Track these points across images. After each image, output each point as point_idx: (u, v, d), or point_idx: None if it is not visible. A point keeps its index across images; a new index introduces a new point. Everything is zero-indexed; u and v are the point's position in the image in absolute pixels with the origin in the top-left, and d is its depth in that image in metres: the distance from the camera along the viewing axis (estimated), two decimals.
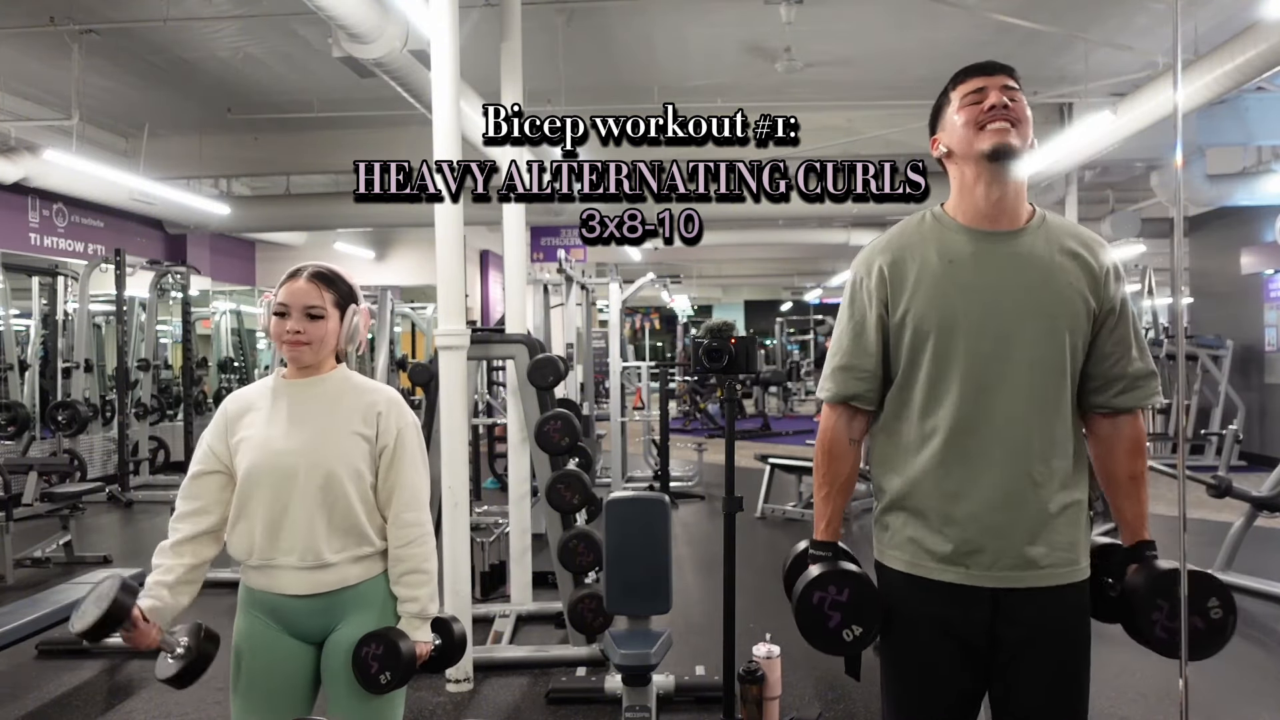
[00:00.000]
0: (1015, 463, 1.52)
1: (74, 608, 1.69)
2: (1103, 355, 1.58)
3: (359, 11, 4.28)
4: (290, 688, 1.84)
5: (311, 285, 1.82)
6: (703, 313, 25.17)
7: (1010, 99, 1.53)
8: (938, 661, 1.57)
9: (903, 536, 1.60)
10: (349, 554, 1.81)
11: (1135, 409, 1.61)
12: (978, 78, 1.57)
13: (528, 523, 4.42)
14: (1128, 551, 1.62)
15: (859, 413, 1.65)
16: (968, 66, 1.61)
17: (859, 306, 1.63)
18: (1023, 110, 1.54)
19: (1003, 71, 1.57)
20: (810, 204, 1.95)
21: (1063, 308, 1.54)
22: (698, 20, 6.33)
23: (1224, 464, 8.09)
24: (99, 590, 1.66)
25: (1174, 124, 1.28)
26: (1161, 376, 4.73)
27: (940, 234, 1.60)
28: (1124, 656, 3.84)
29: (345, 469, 1.79)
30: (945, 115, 1.61)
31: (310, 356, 1.82)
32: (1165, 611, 1.53)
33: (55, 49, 6.22)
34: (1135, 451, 1.62)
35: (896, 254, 1.60)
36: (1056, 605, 1.54)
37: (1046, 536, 1.52)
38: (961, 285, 1.55)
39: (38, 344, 8.78)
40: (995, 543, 1.52)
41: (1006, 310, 1.53)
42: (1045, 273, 1.54)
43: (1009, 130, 1.52)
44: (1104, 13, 6.11)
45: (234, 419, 1.86)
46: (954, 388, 1.53)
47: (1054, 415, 1.54)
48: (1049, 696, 1.54)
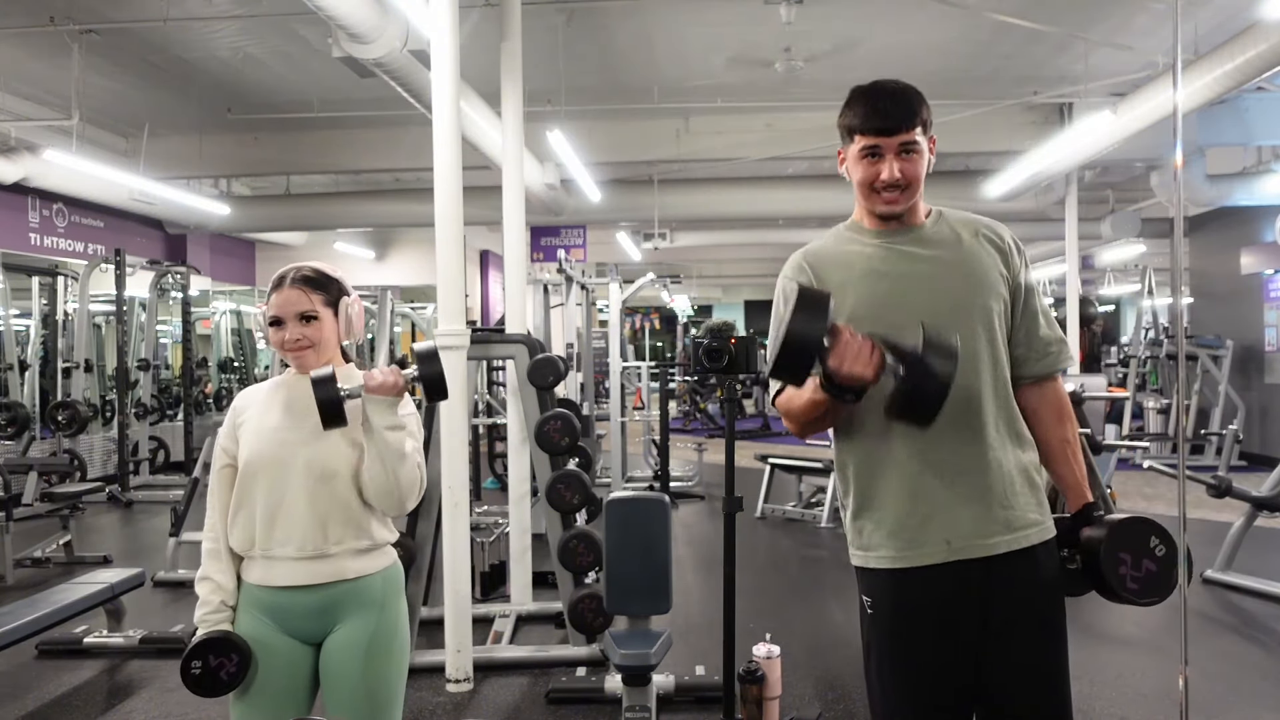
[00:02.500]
0: (971, 435, 1.57)
1: (74, 608, 1.71)
2: (1015, 328, 1.66)
3: (359, 11, 4.28)
4: (290, 689, 1.84)
5: (298, 291, 1.84)
6: (703, 313, 25.17)
7: (903, 166, 1.58)
8: (932, 650, 1.58)
9: (879, 535, 1.62)
10: (348, 546, 1.82)
11: (1054, 374, 1.69)
12: (876, 136, 1.58)
13: (528, 523, 4.42)
14: (1075, 517, 1.67)
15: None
16: (870, 107, 1.60)
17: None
18: (915, 170, 1.59)
19: (902, 128, 1.58)
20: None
21: (982, 278, 1.63)
22: (698, 20, 6.33)
23: (1224, 464, 8.09)
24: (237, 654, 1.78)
25: (1174, 124, 1.28)
26: (1162, 377, 4.74)
27: (854, 238, 1.70)
28: (1124, 656, 3.85)
29: (344, 461, 1.81)
30: (849, 149, 1.64)
31: (315, 359, 1.85)
32: (1129, 562, 1.58)
33: (55, 49, 6.22)
34: (1062, 416, 1.70)
35: (819, 254, 1.71)
36: (1034, 565, 1.59)
37: (1012, 499, 1.59)
38: (881, 274, 1.63)
39: (38, 344, 8.78)
40: (967, 516, 1.57)
41: (931, 290, 1.61)
42: (957, 251, 1.65)
43: (898, 202, 1.61)
44: (1104, 13, 6.11)
45: (240, 413, 1.89)
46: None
47: (996, 381, 1.61)
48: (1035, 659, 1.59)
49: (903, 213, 1.64)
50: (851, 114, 1.62)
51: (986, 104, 7.42)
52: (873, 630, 1.64)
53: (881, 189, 1.60)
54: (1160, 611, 4.31)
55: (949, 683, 1.59)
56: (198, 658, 1.75)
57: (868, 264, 1.65)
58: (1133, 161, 9.08)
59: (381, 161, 8.91)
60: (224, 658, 1.75)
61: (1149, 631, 4.08)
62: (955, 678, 1.59)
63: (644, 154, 8.76)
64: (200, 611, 1.81)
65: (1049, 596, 1.62)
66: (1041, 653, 1.60)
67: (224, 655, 1.76)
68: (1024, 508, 1.59)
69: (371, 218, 10.58)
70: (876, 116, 1.59)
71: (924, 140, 1.61)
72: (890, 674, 1.63)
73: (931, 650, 1.58)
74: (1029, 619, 1.59)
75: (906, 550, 1.59)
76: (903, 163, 1.59)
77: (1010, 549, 1.57)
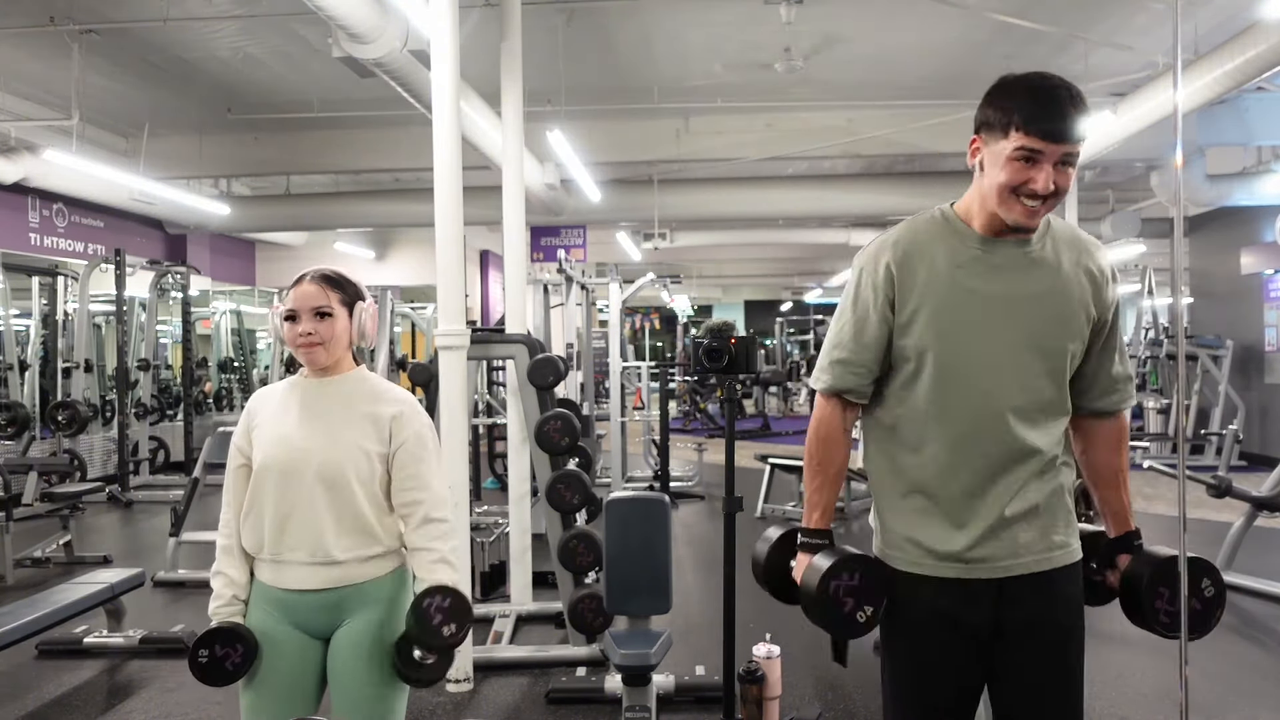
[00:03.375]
0: (1017, 463, 1.54)
1: (74, 608, 1.74)
2: (1090, 359, 1.62)
3: (359, 11, 4.28)
4: (298, 683, 1.85)
5: (317, 287, 1.85)
6: (703, 313, 25.17)
7: (1059, 178, 1.45)
8: (943, 657, 1.59)
9: (903, 536, 1.61)
10: (358, 553, 1.83)
11: (1120, 411, 1.67)
12: (1042, 140, 1.42)
13: (528, 523, 4.42)
14: (1115, 541, 1.68)
15: (851, 406, 1.66)
16: (1044, 105, 1.43)
17: (863, 301, 1.60)
18: (1068, 183, 1.47)
19: (1068, 139, 1.43)
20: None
21: (1069, 316, 1.56)
22: (698, 20, 6.33)
23: (1224, 464, 8.09)
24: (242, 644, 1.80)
25: (1174, 124, 1.28)
26: (1162, 377, 4.74)
27: (950, 236, 1.57)
28: (1124, 657, 3.85)
29: (354, 469, 1.81)
30: (996, 143, 1.48)
31: (324, 356, 1.85)
32: (1166, 597, 1.60)
33: (55, 49, 6.22)
34: (1118, 447, 1.68)
35: (905, 252, 1.57)
36: (1055, 587, 1.58)
37: (1045, 524, 1.57)
38: (969, 290, 1.54)
39: (38, 344, 8.78)
40: (998, 537, 1.55)
41: (1013, 316, 1.54)
42: (1053, 282, 1.55)
43: (1037, 214, 1.49)
44: (1104, 13, 6.10)
45: (254, 414, 1.91)
46: (957, 391, 1.55)
47: (1053, 418, 1.58)
48: (1046, 681, 1.58)
49: (1035, 228, 1.53)
50: (1013, 107, 1.44)
51: None
52: (888, 628, 1.64)
53: (1027, 196, 1.46)
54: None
55: (958, 684, 1.60)
56: (205, 647, 1.78)
57: (956, 277, 1.54)
58: (1133, 161, 9.08)
59: (381, 161, 8.91)
60: (230, 648, 1.78)
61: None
62: (964, 680, 1.60)
63: (644, 154, 8.76)
64: (213, 605, 1.84)
65: (1068, 617, 1.60)
66: (1055, 672, 1.58)
67: (230, 646, 1.78)
68: (1049, 531, 1.57)
69: (371, 218, 10.57)
70: (1049, 118, 1.42)
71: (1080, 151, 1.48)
72: (903, 673, 1.64)
73: (941, 654, 1.58)
74: (1044, 637, 1.57)
75: (923, 559, 1.58)
76: (1059, 174, 1.45)
77: (1029, 570, 1.56)
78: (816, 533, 1.66)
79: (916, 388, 1.58)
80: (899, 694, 1.66)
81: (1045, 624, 1.57)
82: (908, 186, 9.85)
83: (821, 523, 1.66)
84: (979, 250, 1.55)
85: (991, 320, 1.54)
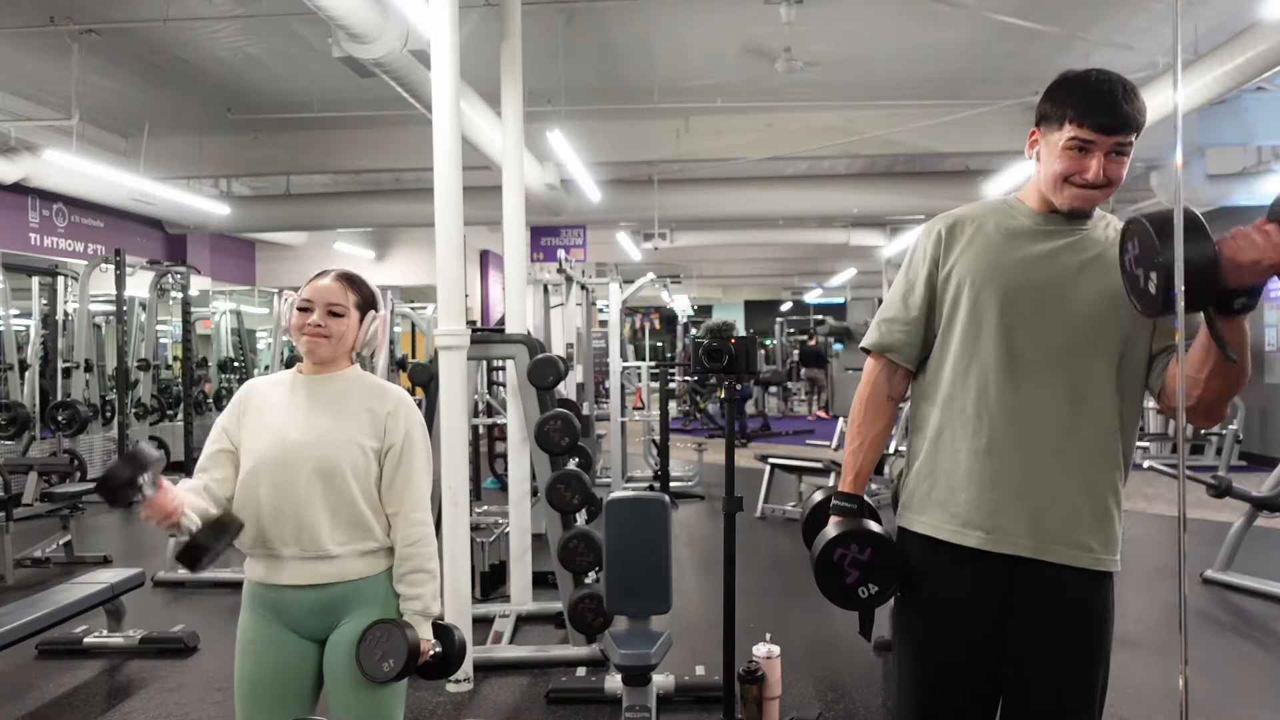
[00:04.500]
0: (1049, 439, 1.53)
1: (74, 608, 1.71)
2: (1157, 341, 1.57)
3: (359, 11, 4.28)
4: (293, 685, 1.85)
5: (337, 284, 1.88)
6: (703, 313, 25.17)
7: (1110, 168, 1.50)
8: (955, 625, 1.59)
9: (930, 501, 1.61)
10: (353, 547, 1.83)
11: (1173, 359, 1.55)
12: (1095, 132, 1.48)
13: (528, 523, 4.42)
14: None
15: (899, 369, 1.68)
16: (1098, 98, 1.48)
17: (913, 266, 1.67)
18: (1120, 173, 1.51)
19: (1123, 129, 1.48)
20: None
21: (1117, 288, 1.47)
22: (697, 20, 6.33)
23: (1224, 464, 8.10)
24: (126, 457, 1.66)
25: (1174, 124, 1.27)
26: None
27: (1007, 212, 1.64)
28: (1124, 656, 3.85)
29: (349, 464, 1.81)
30: (1052, 134, 1.54)
31: (327, 351, 1.86)
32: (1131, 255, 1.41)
33: (55, 49, 6.22)
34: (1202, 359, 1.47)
35: (958, 219, 1.65)
36: (1075, 587, 1.55)
37: (1074, 517, 1.54)
38: (1016, 258, 1.57)
39: (38, 344, 8.78)
40: (1022, 513, 1.54)
41: (1061, 289, 1.55)
42: (1101, 254, 1.56)
43: (1091, 201, 1.54)
44: (1104, 13, 6.11)
45: (247, 403, 1.90)
46: (992, 351, 1.56)
47: (1095, 398, 1.54)
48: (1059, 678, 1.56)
49: (1090, 212, 1.58)
50: (1070, 101, 1.50)
51: (986, 104, 7.42)
52: (906, 593, 1.65)
53: (1080, 184, 1.51)
54: (1160, 611, 4.33)
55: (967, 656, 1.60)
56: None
57: (1006, 237, 1.59)
58: (1133, 161, 9.07)
59: (381, 161, 8.91)
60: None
61: (1149, 631, 4.08)
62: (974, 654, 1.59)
63: (644, 154, 8.76)
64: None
65: (1085, 623, 1.57)
66: (1065, 676, 1.56)
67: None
68: (1085, 531, 1.54)
69: (371, 218, 10.58)
70: (1104, 112, 1.48)
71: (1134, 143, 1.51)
72: (917, 636, 1.65)
73: (954, 623, 1.59)
74: (1054, 640, 1.55)
75: (945, 525, 1.58)
76: (1111, 164, 1.50)
77: (1055, 560, 1.53)
78: (847, 496, 1.68)
79: (950, 340, 1.60)
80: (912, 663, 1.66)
81: (1055, 628, 1.55)
82: (908, 186, 9.85)
83: (854, 487, 1.68)
84: (1029, 222, 1.60)
85: (1047, 295, 1.55)
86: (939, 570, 1.59)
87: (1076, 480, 1.54)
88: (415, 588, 1.85)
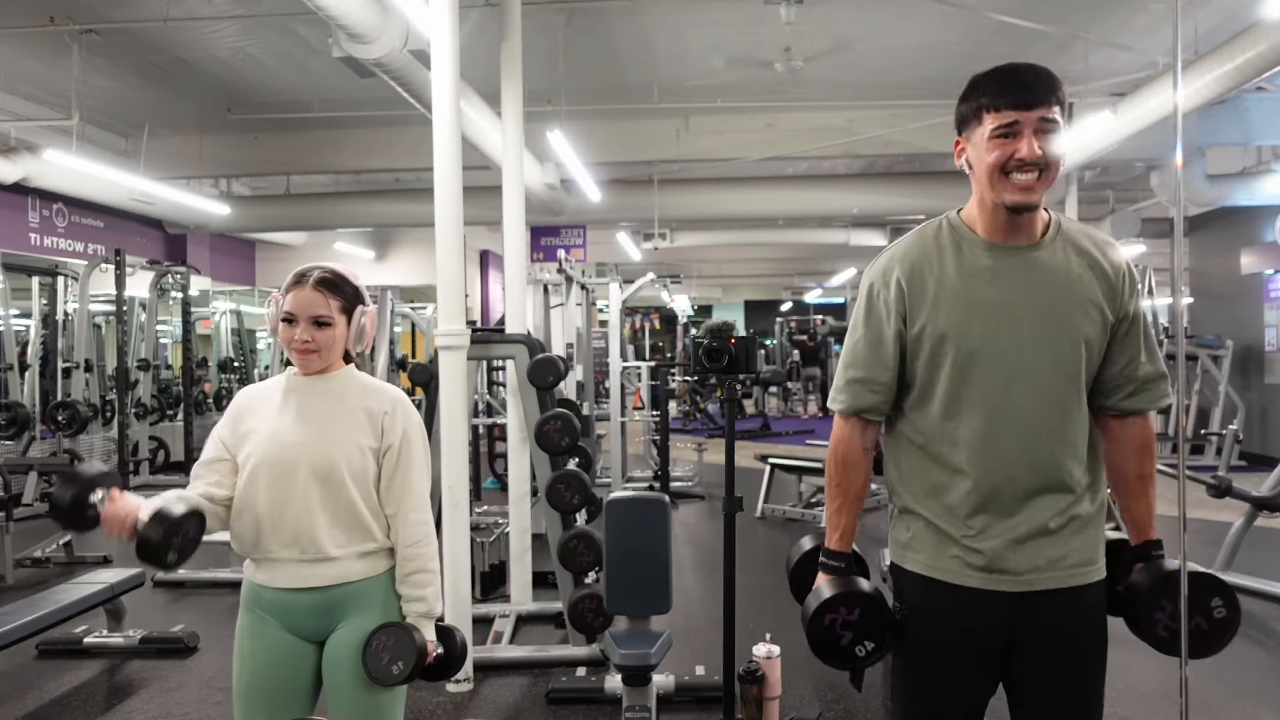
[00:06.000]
0: (1036, 472, 1.52)
1: (74, 608, 1.71)
2: (1114, 359, 1.58)
3: (359, 11, 4.28)
4: (292, 687, 1.84)
5: (317, 294, 1.83)
6: (703, 313, 25.18)
7: (1043, 144, 1.46)
8: (953, 664, 1.58)
9: (922, 541, 1.60)
10: (353, 549, 1.82)
11: (1145, 411, 1.61)
12: (1014, 110, 1.45)
13: (528, 523, 4.42)
14: (1135, 550, 1.64)
15: (870, 424, 1.65)
16: (1006, 79, 1.48)
17: (876, 319, 1.60)
18: (1054, 150, 1.47)
19: (1043, 102, 1.45)
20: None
21: (1081, 320, 1.53)
22: (697, 20, 6.33)
23: (1224, 464, 8.09)
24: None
25: (1174, 124, 1.28)
26: None
27: (958, 245, 1.58)
28: (1124, 656, 3.83)
29: (347, 465, 1.81)
30: (975, 133, 1.52)
31: (319, 363, 1.86)
32: (1168, 612, 1.55)
33: (55, 49, 6.22)
34: (1144, 452, 1.63)
35: (914, 264, 1.58)
36: (1076, 604, 1.56)
37: (1067, 540, 1.54)
38: (980, 300, 1.53)
39: (38, 344, 8.77)
40: (1018, 549, 1.53)
41: (1025, 324, 1.53)
42: (1063, 286, 1.54)
43: (1033, 190, 1.48)
44: (1104, 13, 6.10)
45: (243, 411, 1.89)
46: (974, 400, 1.54)
47: (1071, 424, 1.54)
48: (1065, 694, 1.57)
49: (1035, 204, 1.51)
50: (981, 93, 1.49)
51: None
52: (900, 630, 1.64)
53: (1016, 169, 1.46)
54: None
55: (966, 694, 1.59)
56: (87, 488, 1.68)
57: (966, 285, 1.54)
58: (1133, 161, 9.07)
59: (381, 161, 8.91)
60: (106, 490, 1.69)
61: None
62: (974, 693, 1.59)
63: (644, 154, 8.76)
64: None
65: (1089, 632, 1.58)
66: (1072, 685, 1.56)
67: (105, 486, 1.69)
68: (1077, 549, 1.55)
69: (371, 218, 10.57)
70: (1015, 89, 1.46)
71: (1062, 123, 1.47)
72: (911, 677, 1.64)
73: (952, 663, 1.58)
74: (1062, 651, 1.55)
75: (944, 564, 1.57)
76: (1042, 142, 1.45)
77: (1051, 586, 1.54)
78: (835, 554, 1.66)
79: (933, 398, 1.57)
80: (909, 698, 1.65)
81: (1063, 641, 1.55)
82: (908, 186, 9.85)
83: (841, 544, 1.66)
84: (987, 258, 1.55)
85: (1003, 326, 1.53)
86: (937, 610, 1.58)
87: (1073, 509, 1.54)
88: (418, 589, 1.85)
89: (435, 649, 1.84)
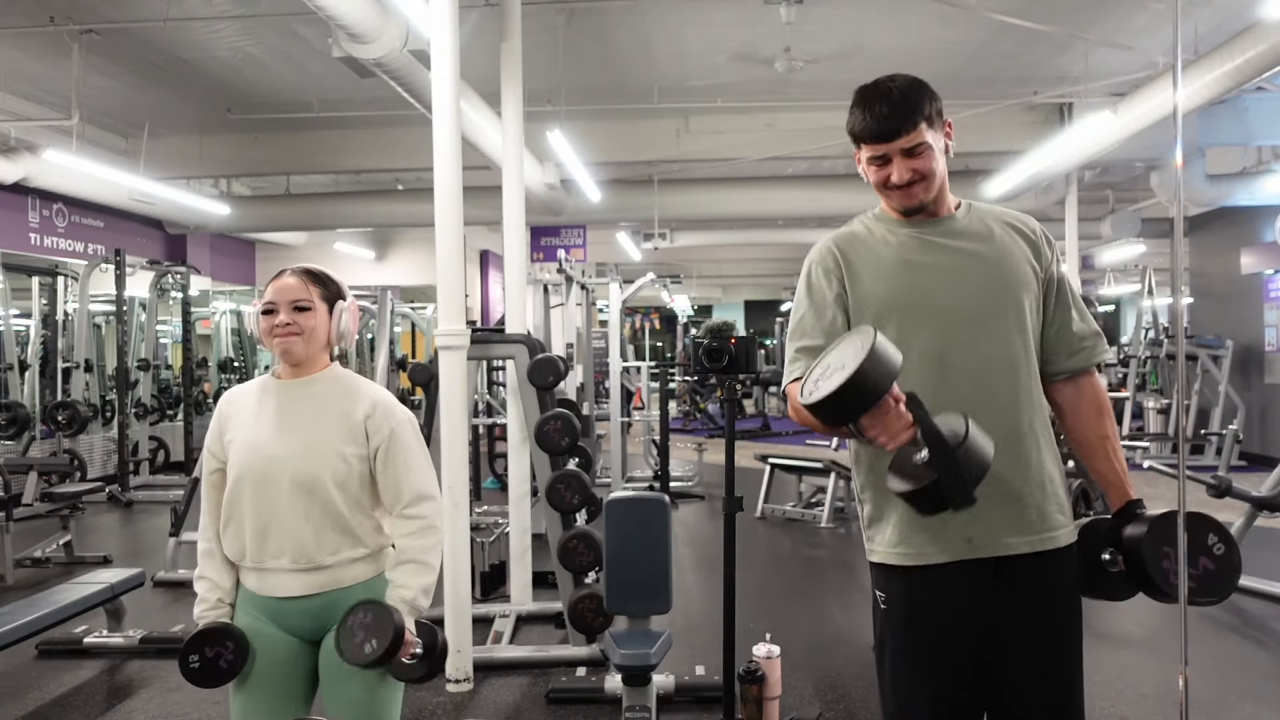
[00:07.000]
0: (1004, 434, 1.50)
1: (74, 608, 1.72)
2: (1048, 323, 1.65)
3: (359, 11, 4.28)
4: (289, 687, 1.84)
5: (297, 280, 1.83)
6: (703, 313, 25.17)
7: (913, 165, 1.56)
8: (943, 644, 1.58)
9: (898, 532, 1.60)
10: (344, 555, 1.81)
11: (1089, 368, 1.67)
12: (877, 145, 1.57)
13: (528, 523, 4.42)
14: (1119, 515, 1.63)
15: None
16: (868, 114, 1.56)
17: (818, 289, 1.66)
18: (927, 165, 1.56)
19: (903, 131, 1.54)
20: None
21: (1014, 271, 1.61)
22: (697, 20, 6.33)
23: (1224, 464, 8.09)
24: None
25: (1174, 124, 1.28)
26: (1162, 377, 4.72)
27: (884, 225, 1.68)
28: (1124, 656, 3.85)
29: (330, 473, 1.78)
30: (859, 152, 1.63)
31: (301, 349, 1.82)
32: (1174, 557, 1.49)
33: (55, 49, 6.22)
34: (1100, 412, 1.67)
35: (849, 242, 1.68)
36: (1052, 567, 1.58)
37: (1039, 501, 1.57)
38: (913, 264, 1.62)
39: (38, 344, 8.78)
40: (994, 516, 1.54)
41: (964, 282, 1.60)
42: (989, 244, 1.63)
43: (915, 194, 1.59)
44: (1104, 13, 6.11)
45: (226, 419, 1.88)
46: (923, 363, 1.55)
47: (1024, 376, 1.59)
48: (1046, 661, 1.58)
49: (926, 204, 1.61)
50: (852, 121, 1.60)
51: (986, 104, 7.42)
52: (885, 625, 1.64)
53: (894, 188, 1.59)
54: (1160, 611, 4.32)
55: (958, 677, 1.59)
56: (194, 651, 1.76)
57: (898, 254, 1.63)
58: (1133, 161, 9.08)
59: (381, 161, 8.91)
60: (220, 647, 1.76)
61: (1149, 631, 4.08)
62: (964, 673, 1.59)
63: (644, 154, 8.76)
64: (199, 609, 1.82)
65: (1065, 600, 1.60)
66: (1053, 655, 1.58)
67: (220, 645, 1.76)
68: (1049, 510, 1.58)
69: (371, 218, 10.58)
70: (873, 126, 1.56)
71: (932, 135, 1.57)
72: (902, 668, 1.63)
73: (941, 645, 1.58)
74: (1041, 621, 1.57)
75: (927, 547, 1.57)
76: (911, 161, 1.56)
77: (1028, 550, 1.56)
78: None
79: None
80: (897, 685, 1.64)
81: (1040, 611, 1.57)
82: None
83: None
84: (910, 232, 1.64)
85: (943, 286, 1.59)
86: (922, 596, 1.58)
87: (1034, 467, 1.57)
88: (406, 577, 1.80)
89: (414, 644, 1.75)
